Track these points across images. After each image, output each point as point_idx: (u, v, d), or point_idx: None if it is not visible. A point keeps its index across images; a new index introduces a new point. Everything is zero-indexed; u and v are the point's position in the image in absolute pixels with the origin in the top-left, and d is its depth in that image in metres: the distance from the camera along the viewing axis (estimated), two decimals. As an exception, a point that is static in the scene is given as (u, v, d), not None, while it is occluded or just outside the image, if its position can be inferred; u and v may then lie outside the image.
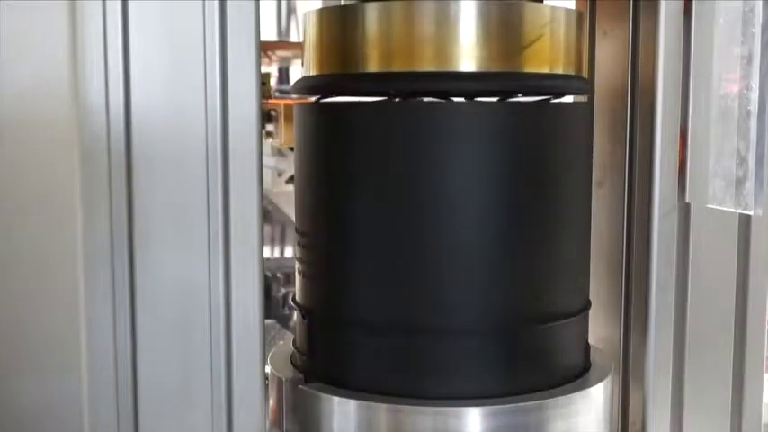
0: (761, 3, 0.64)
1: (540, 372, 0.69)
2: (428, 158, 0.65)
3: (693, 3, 0.71)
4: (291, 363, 0.74)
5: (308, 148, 0.71)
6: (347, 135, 0.67)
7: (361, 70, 0.67)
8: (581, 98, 0.81)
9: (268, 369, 0.72)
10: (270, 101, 1.16)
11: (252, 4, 0.61)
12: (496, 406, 0.66)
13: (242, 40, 0.61)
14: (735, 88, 0.66)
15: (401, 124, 0.66)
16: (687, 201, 0.74)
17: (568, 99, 0.79)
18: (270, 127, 1.13)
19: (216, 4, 0.61)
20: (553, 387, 0.69)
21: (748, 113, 0.65)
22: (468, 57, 0.65)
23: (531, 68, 0.66)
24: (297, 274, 0.74)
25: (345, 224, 0.68)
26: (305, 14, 0.71)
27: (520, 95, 0.70)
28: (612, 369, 0.74)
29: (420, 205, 0.65)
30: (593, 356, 0.75)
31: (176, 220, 0.62)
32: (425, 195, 0.65)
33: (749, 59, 0.65)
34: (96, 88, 0.59)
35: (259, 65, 0.62)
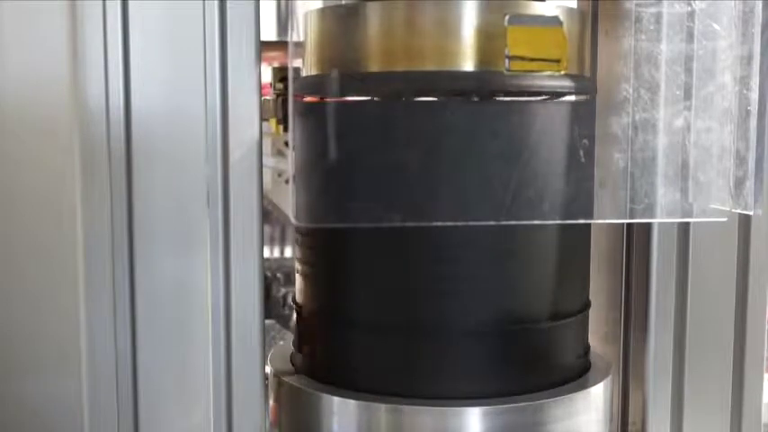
0: (761, 3, 0.64)
1: (540, 372, 0.69)
2: (428, 158, 0.65)
3: (695, 3, 0.71)
4: (291, 363, 0.74)
5: (307, 148, 0.71)
6: (347, 135, 0.67)
7: (361, 70, 0.67)
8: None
9: (268, 369, 0.72)
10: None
11: (252, 4, 0.61)
12: (496, 406, 0.66)
13: (242, 40, 0.61)
14: (735, 88, 0.66)
15: (401, 124, 0.66)
16: (689, 201, 0.73)
17: (570, 98, 0.78)
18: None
19: (216, 5, 0.61)
20: (553, 387, 0.69)
21: (748, 113, 0.65)
22: (469, 56, 0.65)
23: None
24: (297, 274, 0.74)
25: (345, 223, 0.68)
26: (305, 14, 0.71)
27: (521, 95, 0.70)
28: (612, 369, 0.74)
29: (420, 205, 0.65)
30: (593, 356, 0.75)
31: (176, 220, 0.62)
32: (426, 195, 0.65)
33: (749, 59, 0.64)
34: (96, 88, 0.59)
35: (259, 65, 0.62)
